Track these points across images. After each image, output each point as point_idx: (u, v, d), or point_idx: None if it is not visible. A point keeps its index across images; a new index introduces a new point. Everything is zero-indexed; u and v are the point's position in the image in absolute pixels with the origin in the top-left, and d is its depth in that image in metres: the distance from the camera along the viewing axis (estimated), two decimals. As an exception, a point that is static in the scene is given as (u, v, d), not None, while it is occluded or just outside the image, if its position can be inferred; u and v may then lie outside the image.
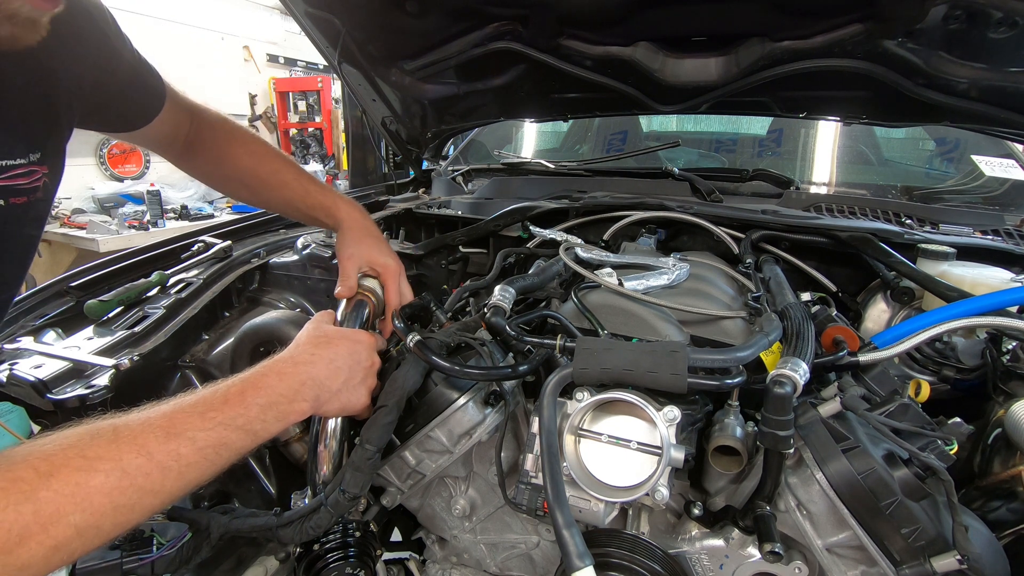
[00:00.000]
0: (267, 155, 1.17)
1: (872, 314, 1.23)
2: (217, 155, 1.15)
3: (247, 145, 1.16)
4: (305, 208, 1.17)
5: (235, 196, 1.27)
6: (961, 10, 1.18)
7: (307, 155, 7.53)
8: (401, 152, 2.16)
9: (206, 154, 1.15)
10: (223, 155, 1.15)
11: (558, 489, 0.76)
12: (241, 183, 1.18)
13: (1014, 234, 1.40)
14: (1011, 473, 0.91)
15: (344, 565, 0.97)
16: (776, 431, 0.77)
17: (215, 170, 1.17)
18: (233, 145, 1.15)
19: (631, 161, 2.15)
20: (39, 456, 0.56)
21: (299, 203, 1.16)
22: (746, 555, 0.89)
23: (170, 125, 1.10)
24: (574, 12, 1.42)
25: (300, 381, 0.81)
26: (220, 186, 1.22)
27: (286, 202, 1.17)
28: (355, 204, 1.20)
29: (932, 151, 2.28)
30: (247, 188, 1.18)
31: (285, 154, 1.23)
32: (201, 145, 1.15)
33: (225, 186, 1.21)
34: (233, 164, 1.15)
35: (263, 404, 0.74)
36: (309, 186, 1.17)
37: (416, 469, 1.03)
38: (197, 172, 1.20)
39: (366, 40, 1.65)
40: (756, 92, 1.56)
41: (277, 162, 1.17)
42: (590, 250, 1.23)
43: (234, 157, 1.15)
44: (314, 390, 0.82)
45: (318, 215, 1.17)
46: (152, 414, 0.67)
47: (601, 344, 0.84)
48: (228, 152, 1.15)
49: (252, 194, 1.19)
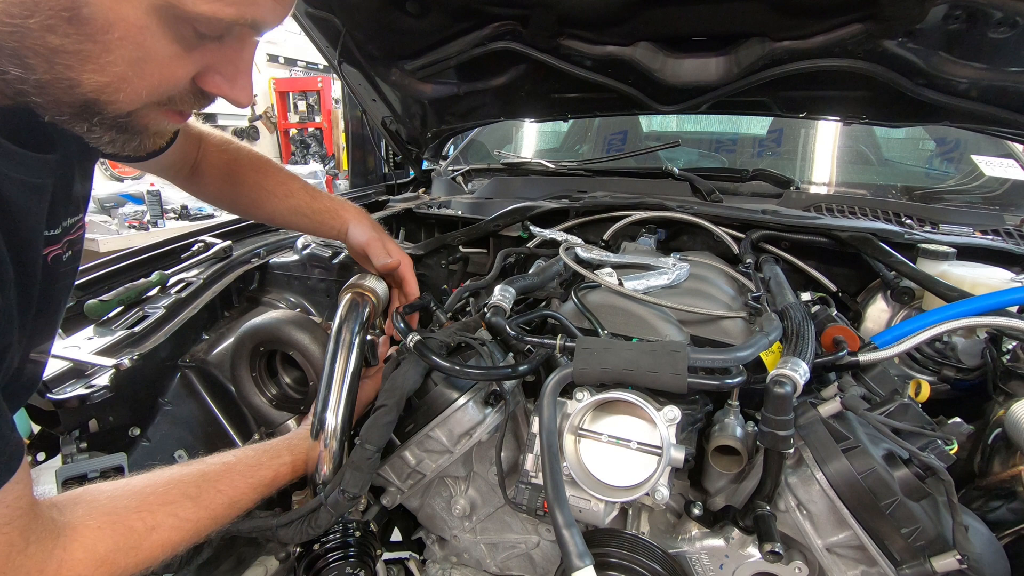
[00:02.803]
0: (271, 169, 1.21)
1: (872, 314, 1.23)
2: (223, 174, 1.18)
3: (252, 163, 1.20)
4: (311, 213, 1.19)
5: (242, 213, 1.31)
6: (961, 10, 1.18)
7: (307, 155, 7.53)
8: (401, 152, 2.16)
9: (213, 175, 1.18)
10: (230, 174, 1.18)
11: (558, 489, 0.76)
12: (248, 199, 1.20)
13: (1014, 234, 1.40)
14: (1011, 473, 0.91)
15: (344, 565, 0.97)
16: (776, 431, 0.77)
17: (222, 189, 1.20)
18: (238, 164, 1.18)
19: (631, 161, 2.15)
20: (144, 509, 0.74)
21: (306, 209, 1.19)
22: (746, 555, 0.89)
23: (180, 153, 1.11)
24: (574, 12, 1.42)
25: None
26: (228, 205, 1.24)
27: (292, 210, 1.20)
28: (360, 207, 1.23)
29: (932, 151, 2.28)
30: (254, 204, 1.21)
31: (286, 168, 1.27)
32: (208, 167, 1.17)
33: (233, 205, 1.24)
34: (240, 181, 1.18)
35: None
36: (314, 193, 1.21)
37: (416, 469, 1.03)
38: (204, 194, 1.22)
39: (366, 40, 1.65)
40: (756, 92, 1.56)
41: (282, 174, 1.21)
42: (590, 250, 1.23)
43: (240, 175, 1.18)
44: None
45: (325, 218, 1.19)
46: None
47: (601, 344, 0.84)
48: (234, 171, 1.18)
49: (258, 208, 1.22)
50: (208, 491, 0.81)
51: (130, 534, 0.70)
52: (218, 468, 0.85)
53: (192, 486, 0.80)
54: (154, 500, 0.75)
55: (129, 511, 0.72)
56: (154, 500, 0.75)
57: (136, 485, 0.76)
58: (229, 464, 0.86)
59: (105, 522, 0.69)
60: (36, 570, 0.62)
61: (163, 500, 0.76)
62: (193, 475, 0.82)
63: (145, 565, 0.72)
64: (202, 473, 0.83)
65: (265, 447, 0.95)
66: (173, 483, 0.79)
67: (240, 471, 0.87)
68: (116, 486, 0.75)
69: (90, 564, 0.66)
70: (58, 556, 0.64)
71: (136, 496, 0.74)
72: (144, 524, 0.72)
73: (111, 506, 0.72)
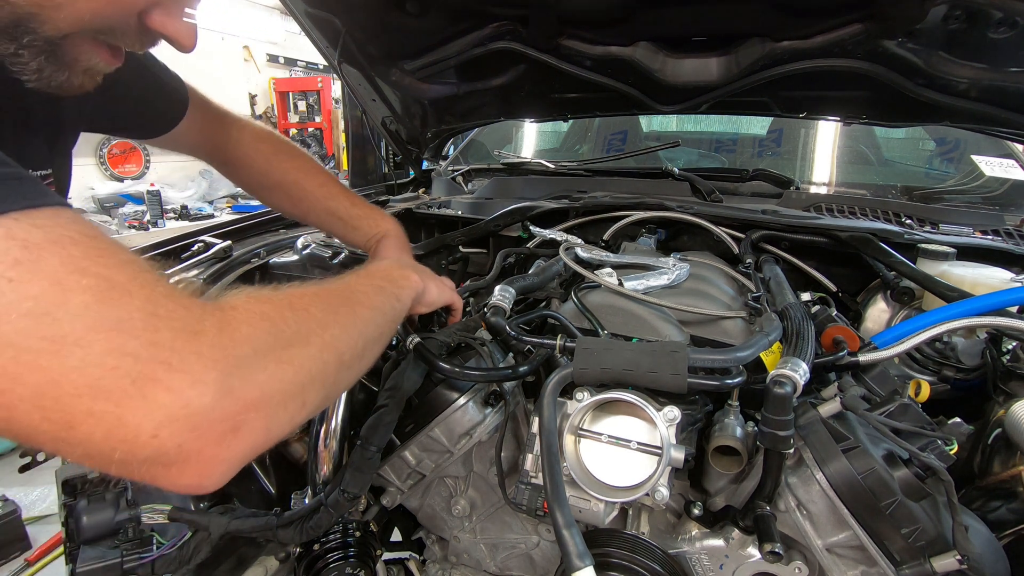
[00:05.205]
0: (313, 169, 1.22)
1: (872, 314, 1.23)
2: (263, 166, 1.18)
3: (295, 159, 1.20)
4: (348, 218, 1.20)
5: (275, 206, 1.31)
6: (961, 10, 1.18)
7: (307, 155, 7.53)
8: (401, 152, 2.16)
9: (249, 165, 1.19)
10: (270, 167, 1.18)
11: (558, 489, 0.76)
12: (285, 194, 1.21)
13: (1014, 234, 1.40)
14: (1011, 473, 0.91)
15: (344, 565, 0.97)
16: (776, 431, 0.77)
17: (260, 179, 1.20)
18: (279, 157, 1.19)
19: (631, 161, 2.15)
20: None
21: (343, 213, 1.20)
22: (746, 555, 0.89)
23: (196, 132, 1.12)
24: (574, 12, 1.42)
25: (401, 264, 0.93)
26: (262, 195, 1.25)
27: (330, 212, 1.21)
28: (393, 219, 1.24)
29: (932, 151, 2.28)
30: (290, 199, 1.22)
31: (326, 168, 1.28)
32: (244, 156, 1.18)
33: (268, 196, 1.25)
34: (280, 176, 1.19)
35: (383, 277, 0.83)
36: (353, 198, 1.23)
37: (416, 469, 1.03)
38: (241, 181, 1.23)
39: (366, 40, 1.65)
40: (756, 92, 1.56)
41: (323, 175, 1.22)
42: (590, 250, 1.23)
43: (281, 170, 1.19)
44: (415, 271, 0.92)
45: (361, 224, 1.20)
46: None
47: (601, 344, 0.84)
48: (275, 164, 1.18)
49: (294, 205, 1.22)
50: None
51: (288, 312, 0.58)
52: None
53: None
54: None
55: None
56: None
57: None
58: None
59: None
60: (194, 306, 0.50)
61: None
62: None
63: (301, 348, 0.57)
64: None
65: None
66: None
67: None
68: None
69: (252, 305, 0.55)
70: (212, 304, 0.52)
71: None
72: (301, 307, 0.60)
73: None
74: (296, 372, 0.54)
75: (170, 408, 0.43)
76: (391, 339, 0.85)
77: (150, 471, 0.45)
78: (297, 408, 0.55)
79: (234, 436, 0.47)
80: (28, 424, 0.41)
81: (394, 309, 0.81)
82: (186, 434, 0.44)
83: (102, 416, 0.42)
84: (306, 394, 0.56)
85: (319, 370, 0.58)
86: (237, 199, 5.88)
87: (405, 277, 0.88)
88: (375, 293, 0.77)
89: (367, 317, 0.71)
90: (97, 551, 0.90)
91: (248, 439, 0.49)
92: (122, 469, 0.44)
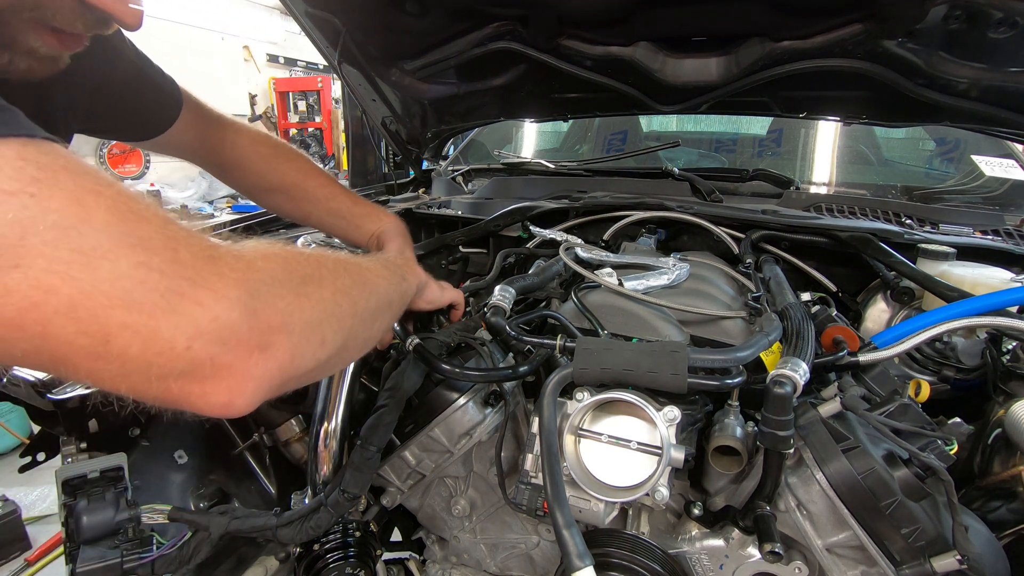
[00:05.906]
0: (312, 170, 1.21)
1: (872, 314, 1.23)
2: (261, 169, 1.18)
3: (293, 161, 1.20)
4: (351, 216, 1.20)
5: (274, 208, 1.30)
6: (961, 10, 1.18)
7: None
8: (401, 152, 2.16)
9: (247, 168, 1.18)
10: (269, 169, 1.18)
11: (558, 489, 0.76)
12: (286, 196, 1.20)
13: (1014, 234, 1.40)
14: (1011, 473, 0.91)
15: (344, 565, 0.97)
16: (776, 431, 0.77)
17: (258, 182, 1.20)
18: (278, 159, 1.18)
19: (631, 161, 2.15)
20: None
21: (345, 212, 1.20)
22: (746, 555, 0.89)
23: (191, 135, 1.11)
24: (574, 12, 1.42)
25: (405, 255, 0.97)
26: (261, 198, 1.25)
27: (331, 212, 1.20)
28: (395, 215, 1.23)
29: (932, 151, 2.28)
30: (290, 201, 1.21)
31: (324, 169, 1.27)
32: (241, 159, 1.17)
33: (267, 198, 1.24)
34: (279, 178, 1.18)
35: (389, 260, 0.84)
36: (354, 197, 1.22)
37: (416, 469, 1.03)
38: (237, 184, 1.22)
39: (366, 40, 1.65)
40: (756, 92, 1.55)
41: (323, 176, 1.22)
42: (590, 250, 1.23)
43: (280, 172, 1.18)
44: (418, 271, 0.94)
45: (364, 221, 1.20)
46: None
47: (601, 344, 0.84)
48: (274, 166, 1.18)
49: (295, 206, 1.22)
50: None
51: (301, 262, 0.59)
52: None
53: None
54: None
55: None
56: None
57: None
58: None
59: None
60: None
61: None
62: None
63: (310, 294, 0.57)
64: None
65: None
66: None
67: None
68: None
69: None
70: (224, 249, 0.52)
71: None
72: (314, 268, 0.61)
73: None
74: (313, 306, 0.55)
75: (200, 321, 0.44)
76: (398, 316, 0.85)
77: (185, 388, 0.45)
78: (318, 343, 0.56)
79: (262, 354, 0.48)
80: (64, 339, 0.41)
81: (400, 287, 0.81)
82: (217, 347, 0.45)
83: (137, 328, 0.42)
84: (324, 331, 0.57)
85: (334, 311, 0.59)
86: (237, 199, 5.89)
87: (409, 264, 0.89)
88: (382, 267, 0.78)
89: (375, 282, 0.72)
90: (97, 551, 0.90)
91: (275, 359, 0.50)
92: (159, 387, 0.44)
